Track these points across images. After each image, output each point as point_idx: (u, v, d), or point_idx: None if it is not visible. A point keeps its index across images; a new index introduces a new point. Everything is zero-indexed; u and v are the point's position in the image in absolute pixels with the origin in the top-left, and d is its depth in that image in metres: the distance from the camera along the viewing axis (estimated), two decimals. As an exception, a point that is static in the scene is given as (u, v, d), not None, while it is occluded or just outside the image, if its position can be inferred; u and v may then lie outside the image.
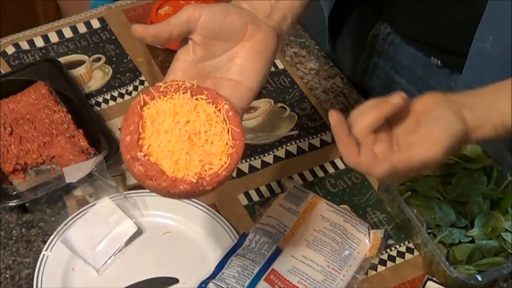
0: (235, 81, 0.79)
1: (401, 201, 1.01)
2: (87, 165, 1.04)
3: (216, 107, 0.76)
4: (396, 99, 0.78)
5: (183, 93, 0.75)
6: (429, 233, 1.00)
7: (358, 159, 0.76)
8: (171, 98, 0.75)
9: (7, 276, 0.99)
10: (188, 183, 0.72)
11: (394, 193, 1.02)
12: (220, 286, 0.94)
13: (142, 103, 0.74)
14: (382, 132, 0.79)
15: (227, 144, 0.74)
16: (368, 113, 0.78)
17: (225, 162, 0.74)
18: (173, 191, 0.72)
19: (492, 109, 0.83)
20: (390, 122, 0.80)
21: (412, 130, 0.79)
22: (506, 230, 1.00)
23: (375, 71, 1.24)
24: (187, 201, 1.05)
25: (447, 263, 0.96)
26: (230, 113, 0.76)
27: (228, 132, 0.75)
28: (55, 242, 0.99)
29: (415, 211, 1.00)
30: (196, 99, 0.76)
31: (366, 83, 1.27)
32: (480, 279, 0.94)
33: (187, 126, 0.74)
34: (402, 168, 0.77)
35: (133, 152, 0.72)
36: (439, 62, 1.12)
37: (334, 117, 0.76)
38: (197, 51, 0.79)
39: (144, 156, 0.72)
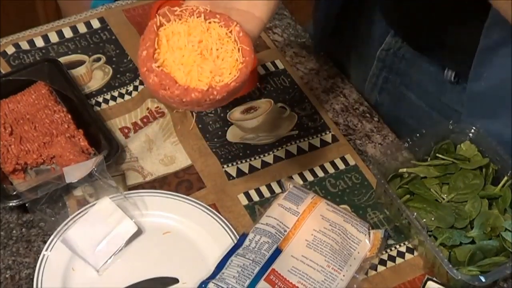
0: (245, 11, 0.84)
1: (400, 205, 1.01)
2: (87, 165, 1.04)
3: (228, 30, 0.82)
4: None
5: (197, 17, 0.82)
6: (429, 236, 1.00)
7: None
8: (186, 21, 0.82)
9: (7, 276, 0.99)
10: (199, 91, 0.78)
11: (392, 197, 1.01)
12: (220, 286, 0.94)
13: (158, 24, 0.81)
14: None
15: (237, 60, 0.81)
16: None
17: (235, 75, 0.80)
18: (185, 99, 0.78)
19: None
20: None
21: None
22: (506, 229, 1.00)
23: (385, 86, 1.24)
24: (187, 201, 1.05)
25: (450, 265, 0.96)
26: (241, 34, 0.82)
27: (239, 50, 0.81)
28: (55, 242, 0.99)
29: (415, 214, 1.00)
30: (209, 22, 0.82)
31: (375, 97, 1.26)
32: (483, 280, 0.94)
33: (200, 44, 0.81)
34: None
35: (149, 64, 0.78)
36: (452, 77, 1.11)
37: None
38: None
39: (159, 67, 0.78)
